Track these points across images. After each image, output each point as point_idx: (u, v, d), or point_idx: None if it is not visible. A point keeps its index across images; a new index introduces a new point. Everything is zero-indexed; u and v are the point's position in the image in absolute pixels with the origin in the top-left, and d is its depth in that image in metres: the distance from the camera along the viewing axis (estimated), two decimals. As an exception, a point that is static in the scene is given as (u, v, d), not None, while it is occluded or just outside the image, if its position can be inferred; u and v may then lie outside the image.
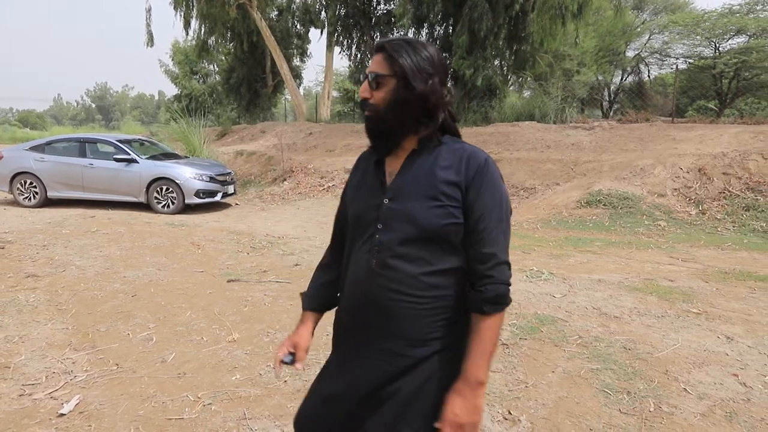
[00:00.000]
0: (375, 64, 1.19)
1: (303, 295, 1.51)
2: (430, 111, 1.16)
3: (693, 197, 7.65)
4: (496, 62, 14.87)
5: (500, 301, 1.12)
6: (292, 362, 1.36)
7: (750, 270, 5.05)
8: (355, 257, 1.25)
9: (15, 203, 8.90)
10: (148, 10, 17.68)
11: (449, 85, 1.21)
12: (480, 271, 1.13)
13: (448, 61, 15.59)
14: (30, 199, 8.84)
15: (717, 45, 19.41)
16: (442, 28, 16.18)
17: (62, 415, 2.47)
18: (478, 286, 1.13)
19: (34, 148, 9.09)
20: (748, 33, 17.88)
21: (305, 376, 2.89)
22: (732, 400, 2.57)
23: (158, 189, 8.62)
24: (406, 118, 1.16)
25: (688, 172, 8.03)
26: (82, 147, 9.03)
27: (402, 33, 17.67)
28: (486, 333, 1.12)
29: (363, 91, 1.19)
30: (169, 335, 3.49)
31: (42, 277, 4.71)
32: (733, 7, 19.10)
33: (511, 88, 15.78)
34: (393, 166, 1.23)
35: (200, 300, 4.21)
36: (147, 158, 8.96)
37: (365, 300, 1.21)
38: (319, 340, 3.37)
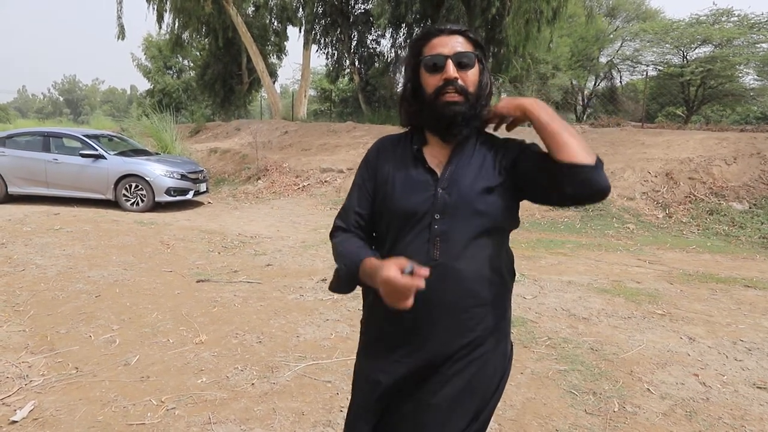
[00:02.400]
0: (460, 45, 1.14)
1: (345, 260, 1.19)
2: (489, 100, 1.19)
3: (660, 201, 7.85)
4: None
5: (596, 167, 1.05)
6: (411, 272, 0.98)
7: (712, 272, 5.21)
8: (407, 251, 1.13)
9: (-26, 199, 8.53)
10: (120, 2, 17.18)
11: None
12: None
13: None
14: (-11, 195, 8.50)
15: (685, 54, 20.04)
16: (420, 28, 16.26)
17: (14, 422, 2.37)
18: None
19: (-6, 142, 8.74)
20: (714, 43, 18.52)
21: (273, 379, 2.85)
22: (692, 400, 2.64)
23: (127, 186, 8.38)
24: (486, 104, 1.18)
25: (656, 177, 8.24)
26: (46, 141, 8.72)
27: (380, 33, 17.70)
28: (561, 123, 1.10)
29: (452, 71, 1.11)
30: (133, 337, 3.38)
31: None
32: (700, 18, 19.76)
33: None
34: (435, 154, 1.20)
35: (168, 300, 4.10)
36: (116, 154, 8.71)
37: (423, 296, 1.05)
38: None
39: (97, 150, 8.50)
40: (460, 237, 1.13)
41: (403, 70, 1.23)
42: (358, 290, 1.30)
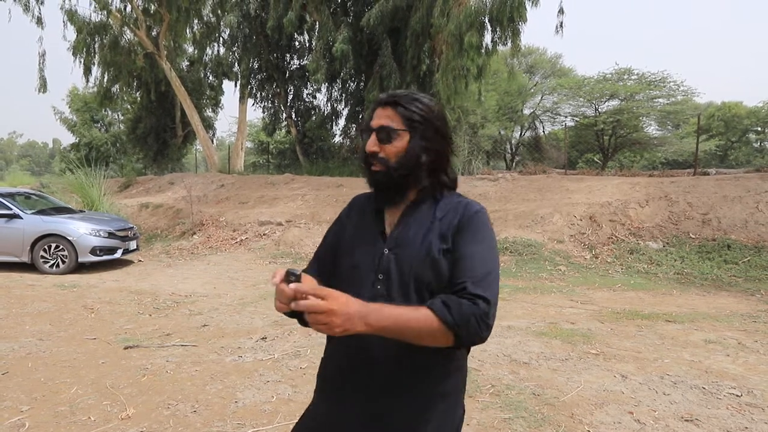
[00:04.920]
0: (385, 118, 1.18)
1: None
2: (437, 165, 1.19)
3: (587, 242, 8.36)
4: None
5: (463, 320, 1.01)
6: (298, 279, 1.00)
7: (637, 309, 5.54)
8: None
9: None
10: (42, 55, 16.60)
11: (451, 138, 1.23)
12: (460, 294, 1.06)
13: (361, 116, 16.19)
14: None
15: (596, 106, 22.11)
16: (354, 83, 16.85)
17: None
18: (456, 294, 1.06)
19: None
20: (620, 97, 20.62)
21: (209, 453, 2.65)
22: (630, 438, 2.73)
23: (46, 247, 7.78)
24: (418, 171, 1.17)
25: (581, 220, 8.80)
26: (-47, 201, 8.00)
27: (316, 87, 18.14)
28: (416, 318, 1.02)
29: (371, 145, 1.17)
30: (47, 418, 3.05)
31: None
32: (606, 75, 22.03)
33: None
34: (392, 215, 1.23)
35: (89, 372, 3.76)
36: (33, 213, 8.11)
37: (364, 354, 1.15)
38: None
39: (11, 209, 7.89)
40: (399, 299, 1.13)
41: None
42: (283, 346, 1.29)
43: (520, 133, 26.82)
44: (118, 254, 8.30)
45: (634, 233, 8.30)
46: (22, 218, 7.87)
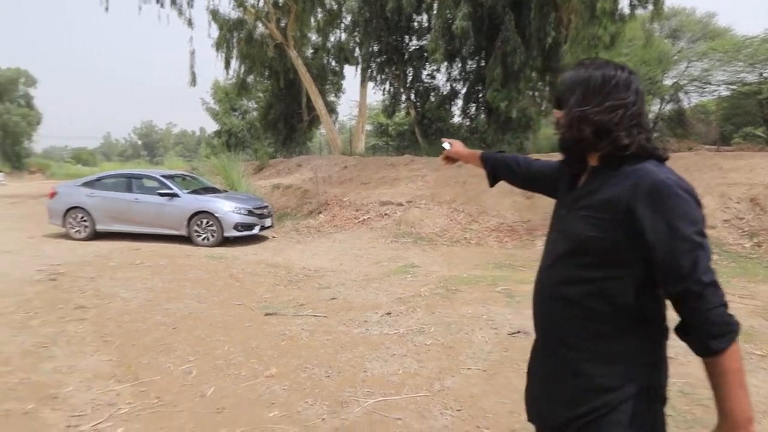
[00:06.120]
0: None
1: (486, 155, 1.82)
2: (601, 132, 1.17)
3: (746, 229, 7.27)
4: (531, 94, 14.85)
5: (722, 330, 1.06)
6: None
7: (815, 307, 4.70)
8: (542, 260, 1.35)
9: (66, 236, 9.31)
10: (192, 53, 18.70)
11: (619, 105, 1.18)
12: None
13: (481, 95, 15.72)
14: (80, 232, 9.24)
15: (761, 71, 18.82)
16: (475, 61, 16.38)
17: (105, 449, 2.49)
18: (685, 319, 1.10)
19: (85, 184, 9.57)
20: (794, 58, 17.30)
21: (343, 414, 2.83)
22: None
23: (199, 222, 8.87)
24: (579, 137, 1.20)
25: (738, 203, 7.67)
26: (129, 182, 9.46)
27: (435, 68, 18.00)
28: (729, 365, 1.04)
29: (556, 112, 1.30)
30: (208, 369, 3.50)
31: (89, 309, 4.85)
32: (776, 32, 18.59)
33: (546, 120, 15.66)
34: (581, 179, 1.30)
35: (238, 333, 4.23)
36: (188, 192, 9.28)
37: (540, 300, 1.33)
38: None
39: (172, 189, 9.10)
40: (561, 256, 1.25)
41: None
42: (407, 322, 1.31)
43: (660, 107, 23.95)
44: (255, 230, 9.16)
45: (811, 219, 7.01)
46: (180, 197, 9.04)
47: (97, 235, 9.31)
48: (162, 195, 9.04)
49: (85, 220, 9.25)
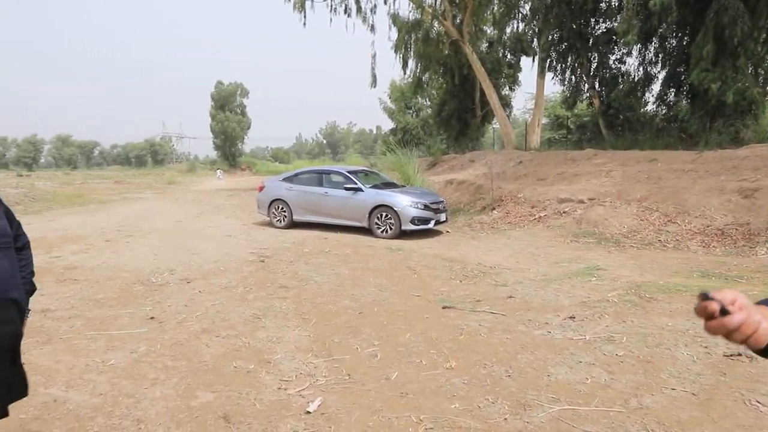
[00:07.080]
0: None
1: None
2: None
3: None
4: (752, 72, 12.28)
5: None
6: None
7: None
8: None
9: (269, 224, 10.81)
10: (374, 56, 20.01)
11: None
12: None
13: (683, 77, 13.56)
14: (281, 221, 10.66)
15: None
16: (676, 40, 14.22)
17: (309, 413, 2.81)
18: None
19: (285, 179, 11.00)
20: None
21: (526, 417, 2.72)
22: None
23: (378, 215, 9.47)
24: None
25: None
26: (320, 177, 10.57)
27: (625, 51, 16.13)
28: None
29: None
30: (391, 354, 3.70)
31: (290, 288, 5.56)
32: None
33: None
34: None
35: (418, 323, 4.38)
36: (370, 187, 9.96)
37: None
38: (542, 382, 3.16)
39: (357, 184, 9.89)
40: None
41: None
42: (594, 328, 1.11)
43: None
44: (431, 224, 9.41)
45: None
46: (363, 191, 9.76)
47: (293, 224, 10.61)
48: (347, 189, 9.89)
49: (284, 211, 10.63)
